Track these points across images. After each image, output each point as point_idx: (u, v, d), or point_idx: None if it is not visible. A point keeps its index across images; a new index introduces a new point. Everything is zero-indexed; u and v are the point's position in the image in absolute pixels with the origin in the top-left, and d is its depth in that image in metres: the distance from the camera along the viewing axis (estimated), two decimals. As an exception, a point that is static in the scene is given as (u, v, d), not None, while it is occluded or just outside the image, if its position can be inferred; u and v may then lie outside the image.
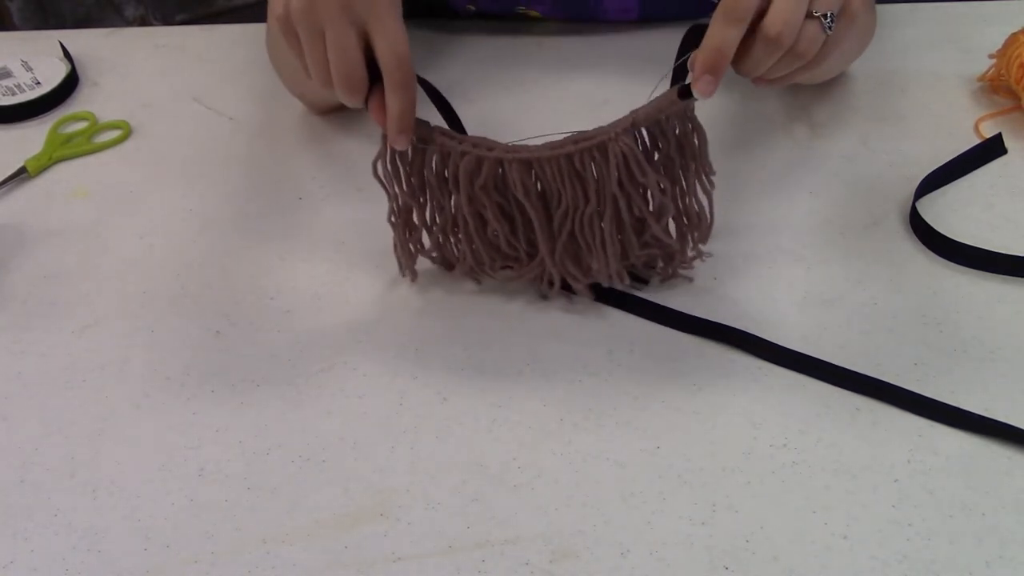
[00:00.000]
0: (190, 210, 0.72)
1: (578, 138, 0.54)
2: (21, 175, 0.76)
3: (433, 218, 0.60)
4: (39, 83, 0.83)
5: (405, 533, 0.51)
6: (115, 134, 0.80)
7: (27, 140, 0.79)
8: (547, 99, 0.80)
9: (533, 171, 0.55)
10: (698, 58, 0.50)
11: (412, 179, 0.58)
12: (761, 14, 0.49)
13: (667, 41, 0.80)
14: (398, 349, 0.61)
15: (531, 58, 0.85)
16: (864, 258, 0.65)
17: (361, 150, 0.76)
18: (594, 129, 0.54)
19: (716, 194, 0.59)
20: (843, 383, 0.57)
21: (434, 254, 0.62)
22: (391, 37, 0.51)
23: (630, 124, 0.53)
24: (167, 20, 1.62)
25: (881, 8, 0.87)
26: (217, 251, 0.68)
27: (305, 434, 0.56)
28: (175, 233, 0.70)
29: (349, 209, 0.71)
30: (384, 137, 0.55)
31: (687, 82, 0.52)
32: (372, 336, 0.62)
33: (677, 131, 0.55)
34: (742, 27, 0.49)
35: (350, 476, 0.54)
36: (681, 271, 0.63)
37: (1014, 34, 0.74)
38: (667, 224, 0.58)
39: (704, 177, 0.57)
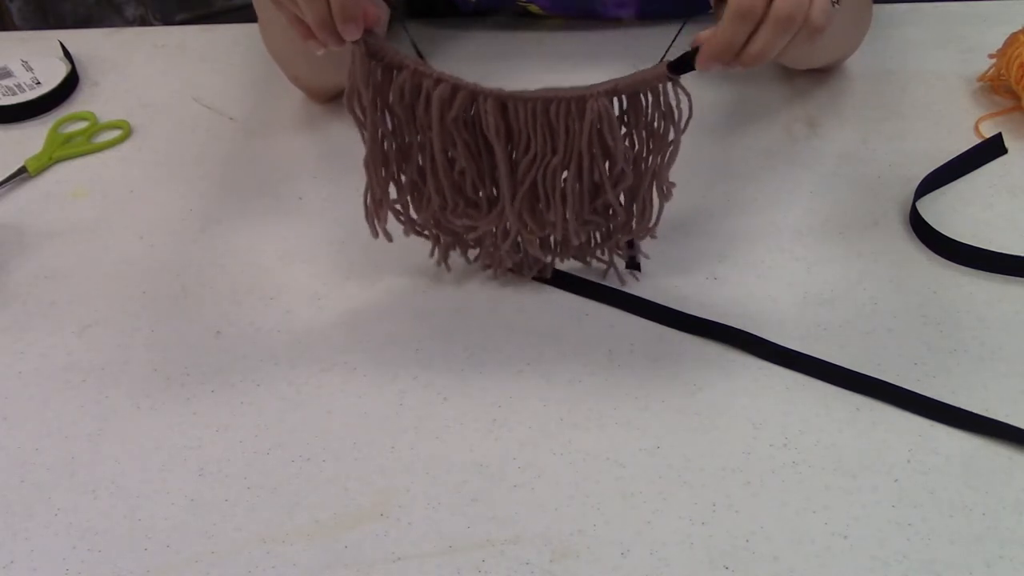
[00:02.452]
0: (190, 210, 0.72)
1: (557, 90, 0.53)
2: (21, 175, 0.76)
3: (400, 165, 0.58)
4: (39, 83, 0.83)
5: (405, 533, 0.51)
6: (115, 134, 0.80)
7: (27, 140, 0.79)
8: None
9: (507, 112, 0.54)
10: (707, 46, 0.50)
11: (383, 112, 0.56)
12: None
13: (666, 37, 0.80)
14: (398, 349, 0.61)
15: (531, 54, 0.85)
16: (864, 258, 0.65)
17: (362, 150, 0.76)
18: (574, 87, 0.53)
19: (716, 194, 0.59)
20: (843, 383, 0.57)
21: (399, 206, 0.60)
22: None
23: (612, 88, 0.53)
24: (167, 20, 1.62)
25: (881, 8, 0.87)
26: (217, 251, 0.68)
27: (305, 434, 0.56)
28: (175, 233, 0.70)
29: (349, 209, 0.71)
30: (351, 67, 0.54)
31: (683, 55, 0.52)
32: (372, 336, 0.62)
33: (655, 122, 0.55)
34: (753, 24, 0.49)
35: (350, 476, 0.54)
36: (616, 253, 0.63)
37: (1014, 34, 0.74)
38: (619, 195, 0.57)
39: (663, 185, 0.57)
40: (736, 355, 0.59)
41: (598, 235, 0.61)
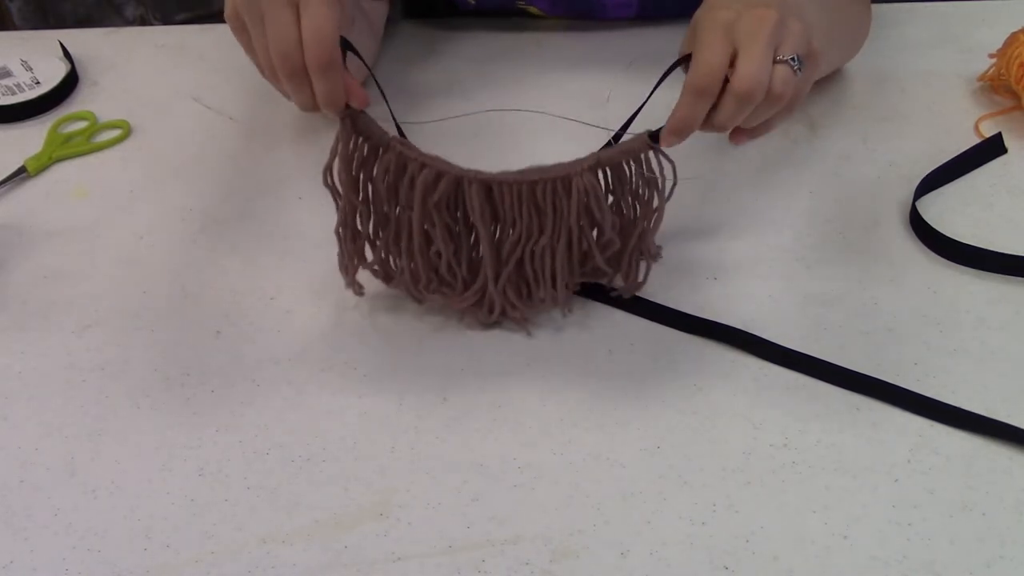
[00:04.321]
0: (190, 210, 0.72)
1: (541, 169, 0.54)
2: (21, 175, 0.76)
3: (377, 230, 0.58)
4: (39, 83, 0.83)
5: (405, 533, 0.51)
6: (115, 134, 0.80)
7: (27, 140, 0.79)
8: (548, 97, 0.80)
9: (492, 195, 0.55)
10: (667, 125, 0.52)
11: (364, 185, 0.56)
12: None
13: (667, 38, 0.80)
14: (398, 349, 0.61)
15: (531, 55, 0.85)
16: (864, 258, 0.65)
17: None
18: (556, 164, 0.54)
19: (716, 194, 0.59)
20: (843, 383, 0.57)
21: (376, 267, 0.60)
22: (313, 12, 0.50)
23: (595, 162, 0.54)
24: (167, 20, 1.62)
25: (881, 8, 0.87)
26: (217, 251, 0.68)
27: (305, 434, 0.56)
28: (175, 233, 0.70)
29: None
30: (335, 142, 0.55)
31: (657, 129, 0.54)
32: (372, 336, 0.62)
33: (639, 189, 0.56)
34: (711, 100, 0.50)
35: (350, 476, 0.54)
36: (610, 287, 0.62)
37: (1014, 34, 0.74)
38: (606, 259, 0.59)
39: (649, 247, 0.59)
40: (736, 355, 0.59)
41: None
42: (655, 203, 0.56)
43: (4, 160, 0.77)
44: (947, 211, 0.67)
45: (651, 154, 0.54)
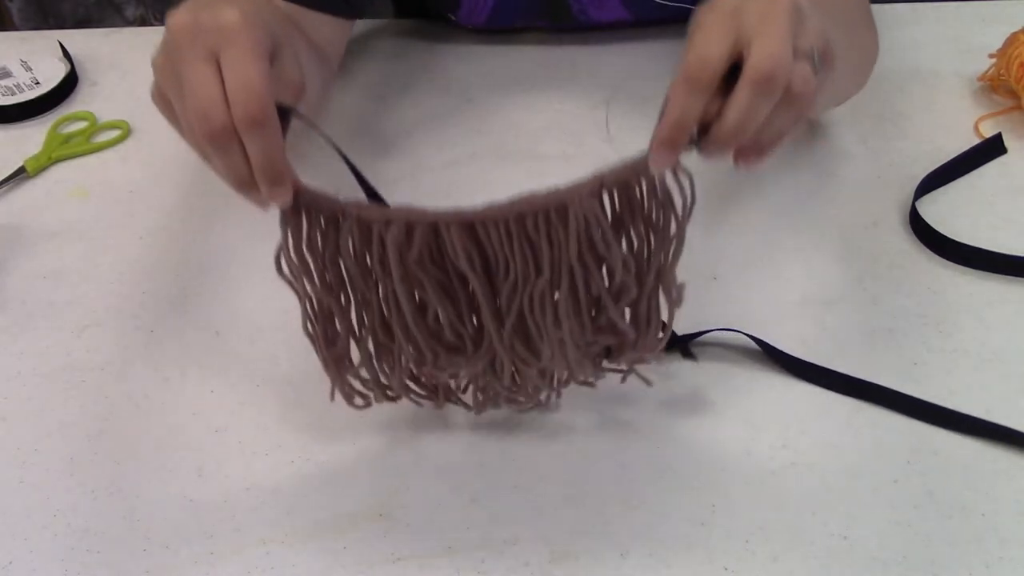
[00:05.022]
0: (190, 210, 0.72)
1: (532, 199, 0.44)
2: (20, 175, 0.76)
3: (360, 320, 0.49)
4: (38, 83, 0.83)
5: (405, 533, 0.51)
6: (115, 134, 0.80)
7: (26, 140, 0.79)
8: (548, 98, 0.80)
9: (476, 236, 0.45)
10: (656, 132, 0.43)
11: (327, 271, 0.47)
12: (731, 68, 0.42)
13: (665, 40, 0.79)
14: (398, 349, 0.61)
15: (532, 56, 0.85)
16: (864, 258, 0.65)
17: (363, 151, 0.76)
18: (550, 190, 0.44)
19: (716, 194, 0.59)
20: (844, 389, 0.57)
21: (365, 373, 0.51)
22: (240, 68, 0.42)
23: (597, 186, 0.44)
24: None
25: (881, 8, 0.86)
26: (217, 251, 0.68)
27: (305, 434, 0.56)
28: (175, 233, 0.70)
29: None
30: (281, 223, 0.46)
31: None
32: (372, 336, 0.62)
33: (652, 215, 0.47)
34: (706, 95, 0.42)
35: (349, 476, 0.54)
36: (636, 367, 0.53)
37: (1014, 34, 0.74)
38: (623, 310, 0.49)
39: (670, 287, 0.49)
40: (736, 355, 0.59)
41: (609, 351, 0.52)
42: (672, 230, 0.47)
43: (4, 160, 0.77)
44: (947, 211, 0.67)
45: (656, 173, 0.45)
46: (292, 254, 0.47)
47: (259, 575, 0.50)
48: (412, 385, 0.53)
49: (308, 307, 0.49)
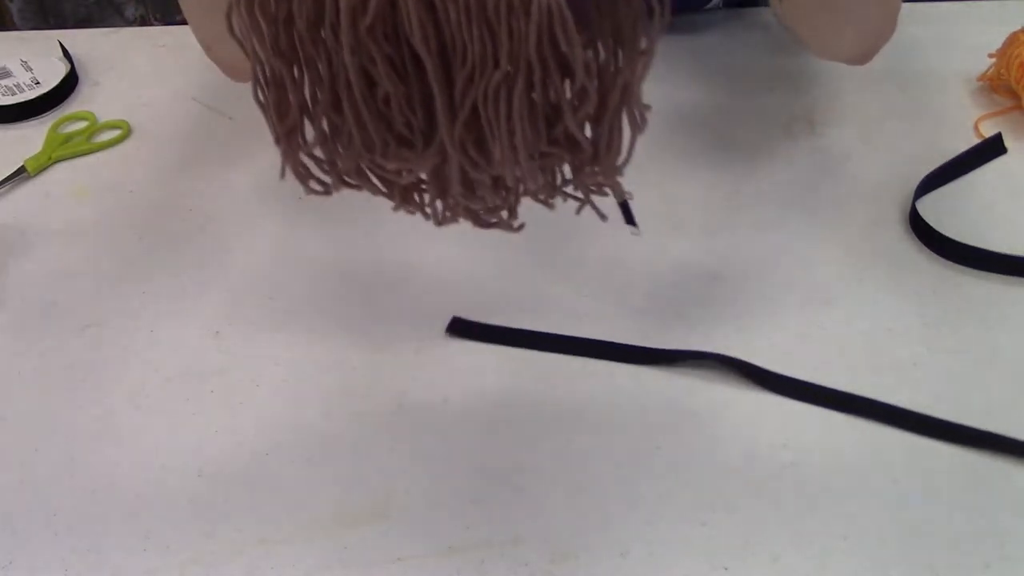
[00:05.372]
0: (190, 210, 0.72)
1: None
2: (20, 175, 0.76)
3: (314, 95, 0.46)
4: (39, 83, 0.83)
5: (405, 533, 0.51)
6: (115, 134, 0.80)
7: (27, 140, 0.79)
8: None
9: (436, 13, 0.43)
10: None
11: (280, 36, 0.45)
12: None
13: (667, 37, 0.79)
14: (397, 349, 0.61)
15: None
16: (864, 258, 0.65)
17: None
18: None
19: (716, 194, 0.59)
20: (842, 407, 0.56)
21: (319, 152, 0.49)
22: None
23: None
24: (167, 20, 1.62)
25: (881, 8, 0.86)
26: (217, 251, 0.68)
27: (305, 434, 0.56)
28: (175, 233, 0.70)
29: (349, 209, 0.71)
30: None
31: None
32: (371, 335, 0.62)
33: (622, 21, 0.44)
34: None
35: (350, 476, 0.54)
36: (592, 187, 0.50)
37: (1014, 33, 0.74)
38: (582, 121, 0.46)
39: (634, 108, 0.46)
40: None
41: (559, 173, 0.50)
42: (642, 44, 0.44)
43: (4, 160, 0.77)
44: (947, 211, 0.67)
45: None
46: (243, 12, 0.44)
47: (259, 575, 0.50)
48: (368, 173, 0.49)
49: (259, 72, 0.46)
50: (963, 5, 0.87)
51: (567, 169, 0.49)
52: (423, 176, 0.49)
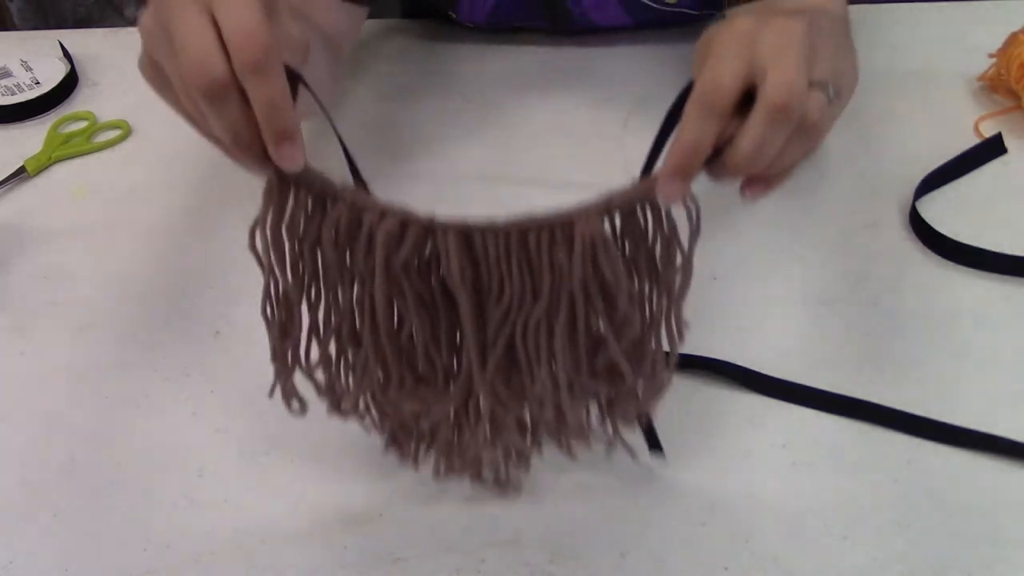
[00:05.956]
0: (190, 210, 0.72)
1: (536, 215, 0.41)
2: (20, 175, 0.76)
3: (327, 319, 0.45)
4: (38, 83, 0.83)
5: (405, 533, 0.51)
6: (115, 134, 0.80)
7: (26, 140, 0.79)
8: (547, 97, 0.80)
9: (472, 248, 0.41)
10: (667, 158, 0.41)
11: (303, 260, 0.43)
12: (745, 97, 0.41)
13: (668, 41, 0.79)
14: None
15: (533, 54, 0.85)
16: (864, 258, 0.65)
17: (363, 151, 0.76)
18: (555, 209, 0.41)
19: (716, 193, 0.58)
20: (842, 411, 0.56)
21: (320, 374, 0.47)
22: (235, 11, 0.38)
23: (604, 206, 0.41)
24: (167, 20, 1.62)
25: (881, 8, 0.87)
26: (217, 251, 0.68)
27: (305, 434, 0.56)
28: (175, 233, 0.70)
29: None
30: (267, 192, 0.42)
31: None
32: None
33: (657, 246, 0.43)
34: (721, 121, 0.40)
35: (350, 476, 0.54)
36: (622, 425, 0.49)
37: (1014, 34, 0.74)
38: (628, 347, 0.44)
39: (672, 335, 0.45)
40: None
41: (594, 408, 0.48)
42: (678, 262, 0.44)
43: (4, 160, 0.77)
44: (947, 211, 0.67)
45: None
46: (269, 231, 0.42)
47: (259, 575, 0.50)
48: (371, 406, 0.48)
49: (272, 289, 0.44)
50: (963, 5, 0.87)
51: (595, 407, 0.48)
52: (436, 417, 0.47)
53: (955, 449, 0.54)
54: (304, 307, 0.44)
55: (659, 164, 0.42)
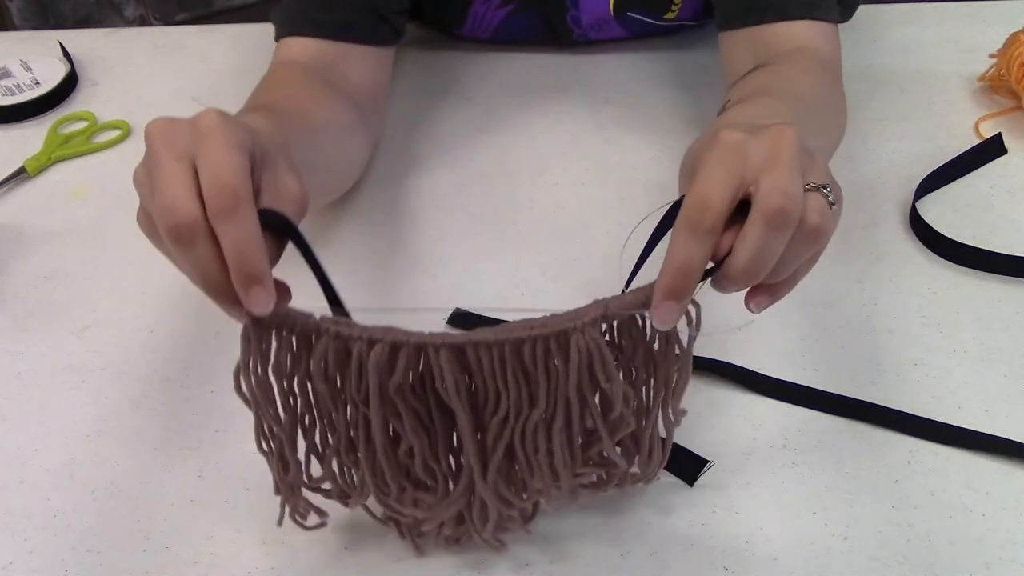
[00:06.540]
0: (190, 210, 0.72)
1: (529, 324, 0.41)
2: (20, 175, 0.76)
3: (324, 441, 0.45)
4: (38, 83, 0.83)
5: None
6: (114, 134, 0.80)
7: (26, 140, 0.79)
8: (548, 101, 0.80)
9: (466, 362, 0.42)
10: (659, 282, 0.40)
11: (293, 394, 0.43)
12: (739, 206, 0.40)
13: (667, 48, 0.79)
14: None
15: (532, 62, 0.85)
16: (864, 258, 0.65)
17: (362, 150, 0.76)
18: (549, 315, 0.42)
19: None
20: (841, 411, 0.56)
21: (327, 485, 0.47)
22: (213, 160, 0.39)
23: (600, 314, 0.41)
24: (167, 20, 1.62)
25: (881, 8, 0.87)
26: (217, 251, 0.68)
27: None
28: (175, 233, 0.70)
29: (347, 209, 0.71)
30: (244, 338, 0.42)
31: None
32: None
33: (654, 346, 0.44)
34: (710, 240, 0.39)
35: (350, 476, 0.54)
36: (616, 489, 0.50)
37: (1014, 34, 0.74)
38: (620, 442, 0.46)
39: (669, 424, 0.46)
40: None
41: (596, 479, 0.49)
42: (676, 364, 0.44)
43: (4, 160, 0.77)
44: (947, 211, 0.67)
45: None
46: (252, 376, 0.42)
47: (259, 575, 0.50)
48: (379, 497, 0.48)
49: (264, 425, 0.44)
50: (963, 5, 0.87)
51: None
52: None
53: (955, 449, 0.54)
54: (300, 432, 0.45)
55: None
